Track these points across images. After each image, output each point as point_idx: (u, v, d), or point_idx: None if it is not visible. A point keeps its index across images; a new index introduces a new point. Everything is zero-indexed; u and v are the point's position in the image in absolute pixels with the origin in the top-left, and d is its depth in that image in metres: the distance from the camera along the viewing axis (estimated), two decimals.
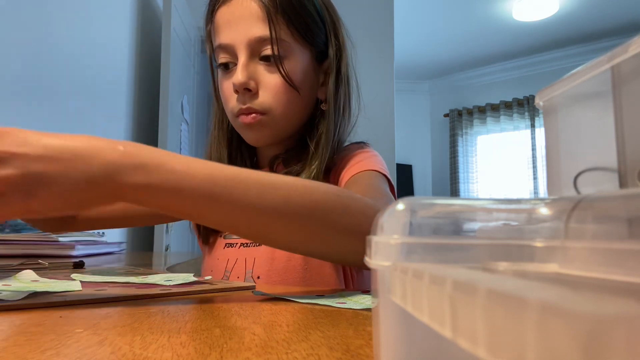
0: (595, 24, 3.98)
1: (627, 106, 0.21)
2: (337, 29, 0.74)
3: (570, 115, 0.25)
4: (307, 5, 0.69)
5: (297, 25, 0.67)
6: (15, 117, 1.33)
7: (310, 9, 0.69)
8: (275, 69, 0.66)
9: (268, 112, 0.67)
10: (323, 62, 0.74)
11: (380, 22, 3.19)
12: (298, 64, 0.68)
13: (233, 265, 0.71)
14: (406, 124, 5.03)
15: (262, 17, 0.65)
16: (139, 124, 2.44)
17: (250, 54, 0.66)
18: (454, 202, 0.21)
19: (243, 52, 0.66)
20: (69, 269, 0.70)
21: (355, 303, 0.42)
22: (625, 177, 0.21)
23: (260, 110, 0.67)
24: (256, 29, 0.65)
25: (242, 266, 0.70)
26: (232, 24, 0.66)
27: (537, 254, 0.18)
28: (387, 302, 0.17)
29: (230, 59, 0.68)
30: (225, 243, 0.74)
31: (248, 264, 0.70)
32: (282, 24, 0.66)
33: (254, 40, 0.65)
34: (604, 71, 0.22)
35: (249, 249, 0.71)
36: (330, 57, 0.73)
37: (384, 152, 3.30)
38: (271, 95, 0.67)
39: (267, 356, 0.25)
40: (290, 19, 0.66)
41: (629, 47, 0.20)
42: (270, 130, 0.69)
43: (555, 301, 0.08)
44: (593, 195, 0.19)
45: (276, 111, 0.68)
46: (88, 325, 0.32)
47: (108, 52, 2.03)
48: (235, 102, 0.67)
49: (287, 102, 0.68)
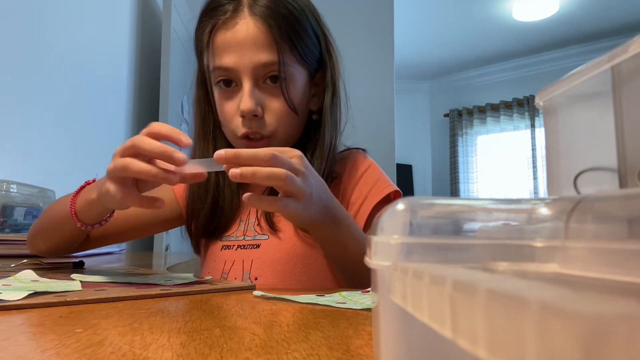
0: (595, 24, 3.98)
1: (627, 106, 0.21)
2: (329, 43, 0.75)
3: (570, 115, 0.25)
4: (306, 26, 0.69)
5: (299, 47, 0.68)
6: (15, 116, 1.33)
7: (308, 29, 0.70)
8: (278, 92, 0.67)
9: (273, 134, 0.69)
10: (315, 74, 0.74)
11: (380, 22, 3.19)
12: (298, 85, 0.70)
13: (230, 266, 0.71)
14: (406, 124, 5.03)
15: (267, 42, 0.65)
16: (139, 123, 2.44)
17: (255, 79, 0.66)
18: (454, 202, 0.21)
19: (248, 78, 0.66)
20: (69, 269, 0.70)
21: (355, 303, 0.42)
22: (625, 177, 0.21)
23: (267, 135, 0.68)
24: (262, 55, 0.65)
25: (240, 268, 0.71)
26: (235, 48, 0.66)
27: (537, 254, 0.18)
28: (387, 302, 0.17)
29: (231, 78, 0.68)
30: (222, 245, 0.74)
31: (245, 265, 0.70)
32: (286, 48, 0.67)
33: (260, 66, 0.66)
34: (604, 71, 0.22)
35: (246, 251, 0.71)
36: (325, 71, 0.74)
37: (384, 152, 3.30)
38: (276, 119, 0.68)
39: (267, 356, 0.25)
40: (293, 42, 0.67)
41: (629, 47, 0.20)
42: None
43: (555, 301, 0.08)
44: (593, 195, 0.19)
45: (280, 134, 0.69)
46: (88, 325, 0.32)
47: (108, 52, 2.03)
48: (240, 124, 0.68)
49: (289, 124, 0.70)
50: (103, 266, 0.84)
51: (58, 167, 1.57)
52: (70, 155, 1.68)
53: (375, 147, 0.82)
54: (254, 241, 0.72)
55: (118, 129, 2.19)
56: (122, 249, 1.43)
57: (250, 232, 0.73)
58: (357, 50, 3.18)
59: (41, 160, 1.47)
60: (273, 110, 0.68)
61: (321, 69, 0.74)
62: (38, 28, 1.44)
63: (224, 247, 0.74)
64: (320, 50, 0.73)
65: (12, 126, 1.31)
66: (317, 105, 0.74)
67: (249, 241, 0.72)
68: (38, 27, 1.44)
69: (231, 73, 0.67)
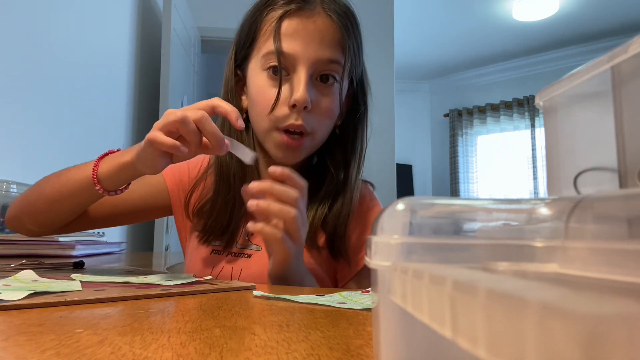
0: (595, 24, 3.98)
1: (627, 106, 0.21)
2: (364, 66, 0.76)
3: (570, 115, 0.25)
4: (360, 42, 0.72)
5: (355, 57, 0.70)
6: (15, 116, 1.33)
7: (361, 45, 0.72)
8: (328, 92, 0.68)
9: (313, 133, 0.68)
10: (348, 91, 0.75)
11: (380, 22, 3.19)
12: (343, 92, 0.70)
13: (219, 272, 0.71)
14: (406, 124, 5.03)
15: (335, 40, 0.66)
16: (139, 123, 2.44)
17: (312, 72, 0.66)
18: (454, 202, 0.21)
19: (306, 69, 0.65)
20: (69, 269, 0.70)
21: (355, 303, 0.42)
22: (625, 177, 0.21)
23: (309, 131, 0.67)
24: (327, 51, 0.66)
25: (228, 275, 0.70)
26: (302, 37, 0.65)
27: (537, 254, 0.18)
28: (387, 302, 0.17)
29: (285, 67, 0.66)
30: (212, 249, 0.73)
31: (234, 273, 0.70)
32: (349, 53, 0.68)
33: (321, 61, 0.66)
34: (604, 71, 0.22)
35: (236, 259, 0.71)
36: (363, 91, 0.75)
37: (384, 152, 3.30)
38: (319, 119, 0.68)
39: (267, 356, 0.25)
40: (354, 50, 0.69)
41: (629, 47, 0.20)
42: (306, 152, 0.70)
43: (555, 301, 0.08)
44: (593, 195, 0.19)
45: (318, 135, 0.69)
46: (88, 325, 0.32)
47: (108, 53, 2.03)
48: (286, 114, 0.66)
49: (328, 127, 0.70)
50: (103, 266, 0.84)
51: (58, 167, 1.57)
52: (70, 155, 1.68)
53: (375, 147, 0.81)
54: (246, 250, 0.72)
55: (118, 128, 2.19)
56: (122, 249, 1.43)
57: (243, 241, 0.73)
58: None
59: (41, 160, 1.47)
60: (321, 108, 0.67)
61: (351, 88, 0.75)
62: (38, 28, 1.44)
63: (214, 251, 0.73)
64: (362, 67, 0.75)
65: (12, 126, 1.31)
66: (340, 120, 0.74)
67: (240, 250, 0.72)
68: (38, 28, 1.44)
69: (288, 60, 0.66)
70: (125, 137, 2.26)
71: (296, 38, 0.65)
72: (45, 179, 0.72)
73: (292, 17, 0.66)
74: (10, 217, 0.74)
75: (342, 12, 0.68)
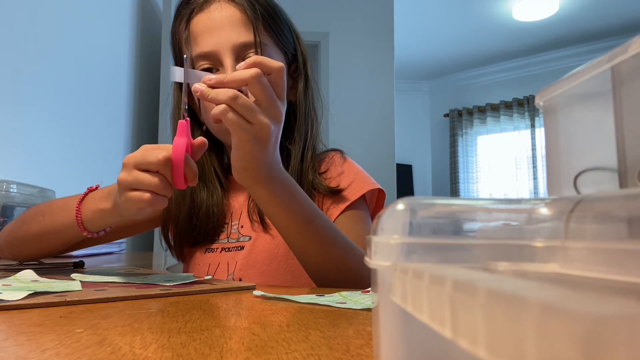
0: (595, 24, 3.98)
1: (627, 106, 0.21)
2: (300, 38, 0.77)
3: (570, 115, 0.25)
4: (279, 13, 0.72)
5: (275, 30, 0.70)
6: (15, 116, 1.33)
7: (281, 17, 0.72)
8: None
9: None
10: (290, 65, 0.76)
11: (380, 22, 3.19)
12: None
13: (215, 269, 0.72)
14: (406, 124, 5.03)
15: (243, 22, 0.66)
16: (139, 123, 2.44)
17: (235, 60, 0.66)
18: (454, 202, 0.21)
19: (229, 58, 0.65)
20: (69, 269, 0.70)
21: (355, 303, 0.42)
22: (625, 177, 0.21)
23: None
24: (240, 35, 0.66)
25: (224, 270, 0.71)
26: (212, 31, 0.66)
27: (537, 254, 0.18)
28: (387, 302, 0.17)
29: (213, 65, 0.67)
30: (205, 248, 0.74)
31: (230, 267, 0.71)
32: (262, 29, 0.68)
33: (239, 46, 0.66)
34: (604, 71, 0.22)
35: (231, 253, 0.72)
36: (298, 62, 0.75)
37: (384, 152, 3.30)
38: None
39: (267, 356, 0.25)
40: (268, 24, 0.69)
41: (629, 47, 0.20)
42: None
43: (555, 301, 0.08)
44: (593, 195, 0.19)
45: None
46: (88, 325, 0.32)
47: (108, 52, 2.03)
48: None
49: None
50: (103, 266, 0.84)
51: (58, 167, 1.57)
52: (70, 155, 1.68)
53: (375, 147, 0.82)
54: (237, 243, 0.73)
55: (118, 128, 2.19)
56: (122, 249, 1.43)
57: (234, 235, 0.74)
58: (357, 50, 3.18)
59: (41, 160, 1.47)
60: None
61: (295, 60, 0.76)
62: (38, 28, 1.44)
63: (208, 250, 0.74)
64: (293, 39, 0.75)
65: (12, 126, 1.31)
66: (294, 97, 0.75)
67: (233, 244, 0.73)
68: (38, 28, 1.44)
69: (212, 58, 0.67)
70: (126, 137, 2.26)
71: (209, 34, 0.66)
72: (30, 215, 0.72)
73: (198, 14, 0.68)
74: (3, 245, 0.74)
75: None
